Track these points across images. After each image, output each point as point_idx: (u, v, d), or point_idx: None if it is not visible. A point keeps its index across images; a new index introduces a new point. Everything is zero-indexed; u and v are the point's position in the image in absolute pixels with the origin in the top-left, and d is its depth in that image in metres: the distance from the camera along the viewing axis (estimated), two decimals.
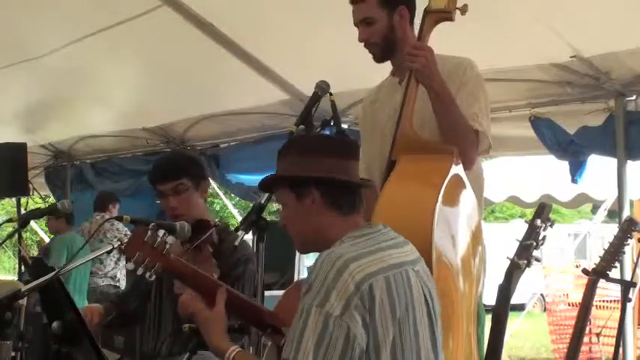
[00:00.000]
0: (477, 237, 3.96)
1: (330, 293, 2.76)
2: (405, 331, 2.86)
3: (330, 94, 4.04)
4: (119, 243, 3.94)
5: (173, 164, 4.57)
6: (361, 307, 2.76)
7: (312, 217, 3.06)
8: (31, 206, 11.26)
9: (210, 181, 10.83)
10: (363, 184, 3.16)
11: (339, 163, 3.07)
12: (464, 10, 3.99)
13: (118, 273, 10.53)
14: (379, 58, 4.24)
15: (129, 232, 9.15)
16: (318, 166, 3.05)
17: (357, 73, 5.69)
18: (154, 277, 3.23)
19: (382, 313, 2.79)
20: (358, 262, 2.83)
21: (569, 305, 12.71)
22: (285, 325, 3.06)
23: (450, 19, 4.01)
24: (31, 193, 11.29)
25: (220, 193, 12.63)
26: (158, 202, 4.59)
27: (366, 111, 4.51)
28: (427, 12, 4.02)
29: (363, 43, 4.20)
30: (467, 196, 3.89)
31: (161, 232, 3.25)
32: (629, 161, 6.30)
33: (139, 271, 3.19)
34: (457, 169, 3.82)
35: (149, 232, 3.23)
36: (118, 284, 10.49)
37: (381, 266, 2.87)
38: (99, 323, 4.43)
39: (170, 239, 3.25)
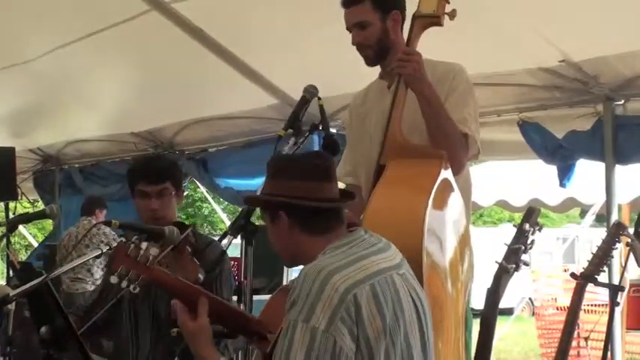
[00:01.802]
0: (464, 242, 3.96)
1: (314, 307, 2.74)
2: (396, 337, 2.84)
3: (319, 98, 4.04)
4: (107, 248, 3.93)
5: (160, 167, 4.57)
6: (347, 319, 2.74)
7: (285, 238, 3.08)
8: (20, 211, 11.27)
9: (199, 185, 10.87)
10: (327, 207, 3.10)
11: (308, 186, 3.05)
12: (452, 15, 3.99)
13: None
14: (372, 62, 4.24)
15: (117, 237, 9.15)
16: (285, 189, 3.05)
17: (345, 78, 5.69)
18: (137, 289, 3.23)
19: (371, 322, 2.77)
20: (340, 273, 2.80)
21: (557, 309, 12.73)
22: (271, 331, 3.06)
23: (439, 24, 4.01)
24: (19, 198, 11.27)
25: (209, 198, 12.63)
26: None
27: (352, 114, 4.51)
28: (416, 17, 4.02)
29: (356, 47, 4.21)
30: (455, 201, 3.90)
31: (144, 245, 3.25)
32: (617, 165, 6.31)
33: (123, 284, 3.19)
34: (446, 174, 3.82)
35: (131, 246, 3.24)
36: None
37: (365, 274, 2.84)
38: None
39: (153, 251, 3.25)
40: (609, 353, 5.88)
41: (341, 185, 3.61)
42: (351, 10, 4.17)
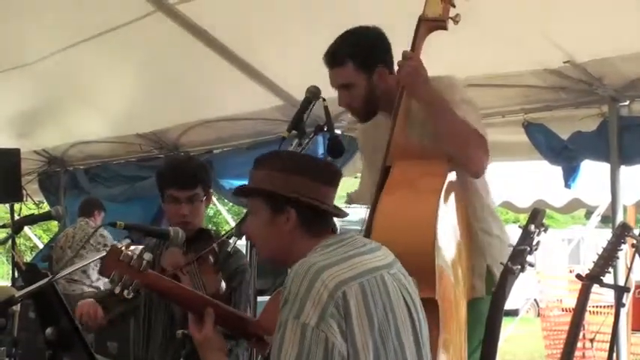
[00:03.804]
0: (465, 244, 3.98)
1: (304, 304, 2.75)
2: (388, 338, 2.84)
3: (324, 99, 4.04)
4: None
5: (192, 172, 4.53)
6: (337, 315, 2.74)
7: (282, 234, 3.07)
8: (25, 212, 11.26)
9: None
10: (339, 214, 3.15)
11: (320, 188, 3.07)
12: (456, 20, 3.99)
13: (101, 285, 10.51)
14: (363, 119, 4.28)
15: (114, 241, 9.16)
16: (300, 187, 3.04)
17: None
18: (132, 294, 3.23)
19: (359, 321, 2.78)
20: (330, 270, 2.82)
21: (562, 310, 12.73)
22: (269, 333, 3.07)
23: (444, 27, 4.01)
24: (24, 199, 11.28)
25: (214, 199, 12.63)
26: (162, 204, 4.56)
27: (367, 140, 4.52)
28: (421, 20, 4.02)
29: (344, 107, 4.22)
30: (456, 202, 3.92)
31: (137, 250, 3.25)
32: (622, 166, 6.30)
33: (117, 290, 3.19)
34: (451, 175, 3.85)
35: (124, 251, 3.24)
36: None
37: (354, 273, 2.85)
38: (103, 318, 4.32)
39: (147, 256, 3.25)
40: (615, 354, 5.87)
41: None
42: (335, 72, 4.16)
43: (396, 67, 4.05)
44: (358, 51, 4.11)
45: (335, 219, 3.16)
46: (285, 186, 3.05)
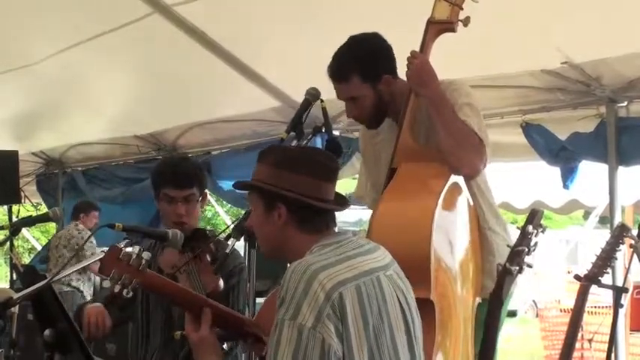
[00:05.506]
0: (475, 243, 3.98)
1: (301, 305, 2.75)
2: (382, 339, 2.85)
3: (322, 100, 4.04)
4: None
5: (188, 172, 4.52)
6: (333, 317, 2.74)
7: (276, 230, 3.06)
8: (23, 214, 11.27)
9: None
10: (333, 209, 3.13)
11: (313, 184, 3.05)
12: (466, 22, 4.00)
13: (80, 286, 10.56)
14: (372, 126, 4.29)
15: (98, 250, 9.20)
16: (291, 183, 3.03)
17: None
18: (131, 294, 3.22)
19: (355, 322, 2.78)
20: (327, 271, 2.81)
21: (561, 311, 12.75)
22: (266, 333, 3.06)
23: (453, 30, 4.02)
24: (22, 201, 11.29)
25: (212, 200, 12.63)
26: (156, 204, 4.55)
27: (367, 146, 4.53)
28: (430, 22, 4.03)
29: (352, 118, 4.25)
30: (465, 204, 3.93)
31: (136, 249, 3.24)
32: (620, 167, 6.30)
33: (116, 289, 3.19)
34: (456, 177, 3.85)
35: (123, 250, 3.23)
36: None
37: (351, 274, 2.85)
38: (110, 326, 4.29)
39: (146, 255, 3.24)
40: (613, 355, 5.87)
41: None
42: (340, 86, 4.16)
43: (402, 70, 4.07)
44: (362, 63, 4.10)
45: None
46: (275, 181, 3.04)
